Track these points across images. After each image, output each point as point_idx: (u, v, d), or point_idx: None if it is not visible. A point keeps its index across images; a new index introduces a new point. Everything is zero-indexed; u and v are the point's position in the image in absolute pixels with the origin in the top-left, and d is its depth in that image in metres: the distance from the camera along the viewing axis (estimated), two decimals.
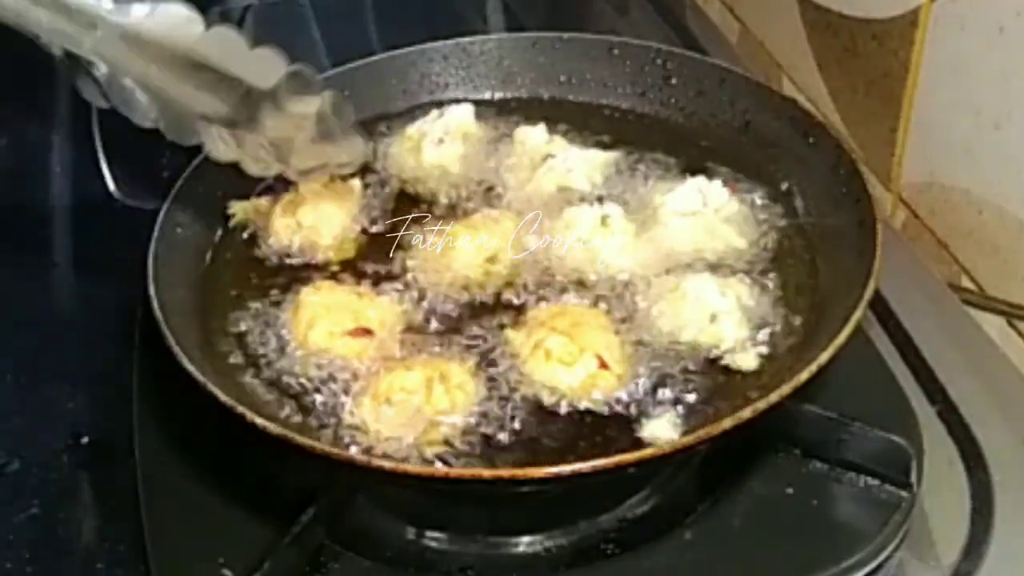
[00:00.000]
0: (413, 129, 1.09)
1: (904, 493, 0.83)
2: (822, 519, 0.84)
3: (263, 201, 1.02)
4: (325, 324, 0.87)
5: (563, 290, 0.91)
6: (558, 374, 0.83)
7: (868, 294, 0.80)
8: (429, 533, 0.85)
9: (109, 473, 0.96)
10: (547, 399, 0.82)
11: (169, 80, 0.80)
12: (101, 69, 0.77)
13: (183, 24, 0.78)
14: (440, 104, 1.12)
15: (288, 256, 0.98)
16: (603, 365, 0.83)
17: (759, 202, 0.99)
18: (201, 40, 0.79)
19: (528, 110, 1.14)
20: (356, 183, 1.02)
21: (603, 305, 0.90)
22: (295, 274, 0.96)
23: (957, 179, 1.13)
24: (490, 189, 1.03)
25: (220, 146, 0.84)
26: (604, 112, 1.14)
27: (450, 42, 1.16)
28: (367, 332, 0.87)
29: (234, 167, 0.86)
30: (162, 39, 0.77)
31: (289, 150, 0.87)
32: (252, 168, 0.86)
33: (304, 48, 1.39)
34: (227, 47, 0.80)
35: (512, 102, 1.16)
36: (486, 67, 1.16)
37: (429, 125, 1.08)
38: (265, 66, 0.83)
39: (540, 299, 0.91)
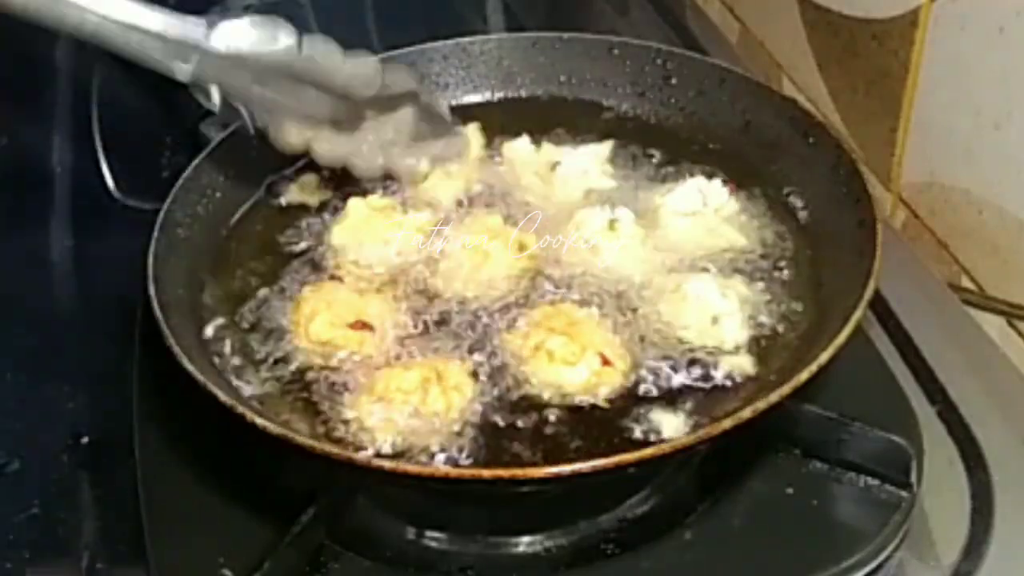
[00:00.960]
0: None
1: (904, 493, 0.83)
2: (822, 519, 0.84)
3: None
4: (326, 316, 0.87)
5: (563, 292, 0.91)
6: (563, 374, 0.83)
7: (868, 294, 0.80)
8: (429, 533, 0.85)
9: (109, 473, 0.96)
10: (549, 399, 0.83)
11: (272, 93, 0.83)
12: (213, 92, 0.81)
13: (276, 38, 0.81)
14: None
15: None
16: (606, 362, 0.83)
17: (759, 202, 0.99)
18: (298, 56, 0.82)
19: (528, 110, 1.14)
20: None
21: (605, 306, 0.90)
22: (296, 274, 0.96)
23: (957, 179, 1.13)
24: (506, 195, 1.03)
25: (327, 151, 0.89)
26: (604, 112, 1.14)
27: (450, 42, 1.16)
28: (367, 326, 0.87)
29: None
30: (260, 57, 0.80)
31: (393, 149, 0.92)
32: (361, 169, 0.90)
33: None
34: (324, 60, 0.83)
35: (512, 102, 1.16)
36: (486, 67, 1.16)
37: None
38: (363, 74, 0.86)
39: (538, 300, 0.91)
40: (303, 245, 0.99)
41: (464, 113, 1.12)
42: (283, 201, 1.05)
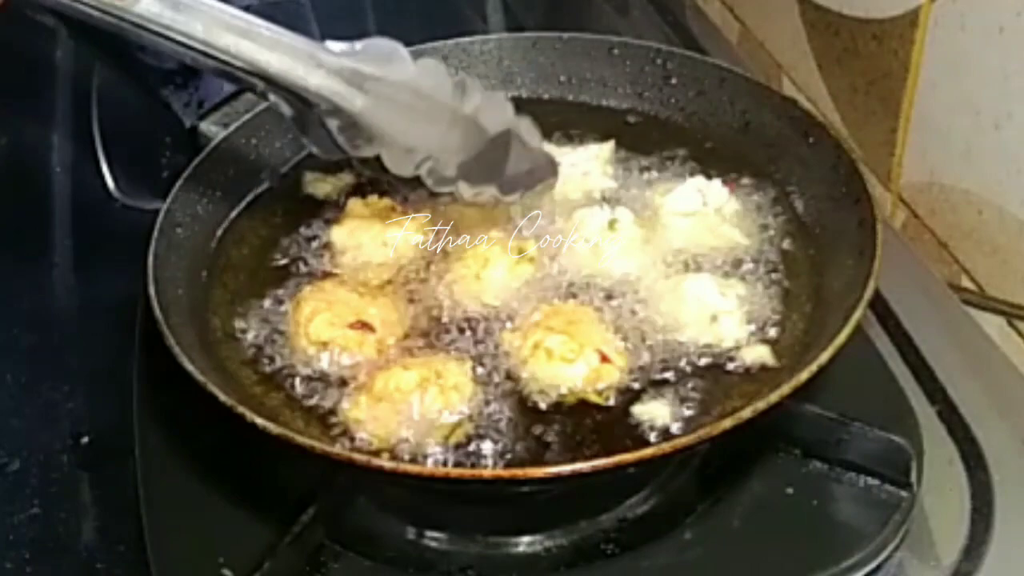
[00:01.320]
0: None
1: (904, 493, 0.84)
2: (822, 519, 0.84)
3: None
4: (326, 316, 0.87)
5: (563, 291, 0.91)
6: (562, 372, 0.83)
7: (868, 294, 0.80)
8: (429, 533, 0.85)
9: (109, 473, 0.96)
10: (549, 397, 0.83)
11: (387, 115, 0.80)
12: (327, 116, 0.77)
13: (393, 57, 0.79)
14: None
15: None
16: (604, 359, 0.83)
17: (759, 202, 0.99)
18: (416, 72, 0.80)
19: (528, 110, 1.13)
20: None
21: (604, 305, 0.90)
22: (296, 274, 0.96)
23: (957, 179, 1.13)
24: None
25: (432, 177, 0.85)
26: (604, 112, 1.14)
27: (450, 42, 1.16)
28: (367, 326, 0.87)
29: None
30: (379, 74, 0.78)
31: (498, 172, 0.88)
32: (466, 194, 0.87)
33: None
34: (436, 77, 0.82)
35: (512, 102, 1.16)
36: (486, 67, 1.16)
37: None
38: (466, 92, 0.84)
39: (538, 300, 0.91)
40: (304, 245, 0.99)
41: None
42: (283, 200, 1.05)
